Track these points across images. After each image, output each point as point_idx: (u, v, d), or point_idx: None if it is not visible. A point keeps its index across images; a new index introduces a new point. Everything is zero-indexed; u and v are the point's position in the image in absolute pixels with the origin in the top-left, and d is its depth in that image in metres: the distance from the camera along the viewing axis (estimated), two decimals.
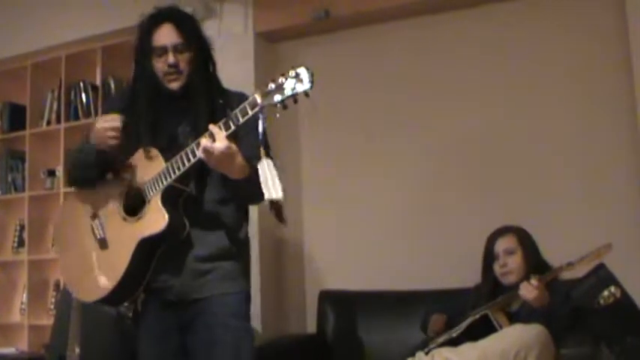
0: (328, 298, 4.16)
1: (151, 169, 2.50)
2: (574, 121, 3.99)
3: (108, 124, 2.54)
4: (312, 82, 2.18)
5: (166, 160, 2.47)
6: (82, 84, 5.11)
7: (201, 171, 2.47)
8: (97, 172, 2.63)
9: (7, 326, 5.24)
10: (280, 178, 2.25)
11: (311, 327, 4.30)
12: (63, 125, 5.12)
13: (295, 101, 2.22)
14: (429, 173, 4.29)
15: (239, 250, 2.61)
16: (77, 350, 3.21)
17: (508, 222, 3.49)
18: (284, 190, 2.25)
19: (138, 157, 2.57)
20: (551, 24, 4.09)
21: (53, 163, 5.21)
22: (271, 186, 2.24)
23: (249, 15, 4.52)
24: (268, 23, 4.53)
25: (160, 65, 2.58)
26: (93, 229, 2.64)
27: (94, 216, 2.66)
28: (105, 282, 2.54)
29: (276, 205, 2.34)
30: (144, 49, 2.61)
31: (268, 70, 4.55)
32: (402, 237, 4.30)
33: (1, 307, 5.29)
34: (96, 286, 2.57)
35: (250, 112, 2.25)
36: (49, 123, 5.27)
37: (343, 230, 4.48)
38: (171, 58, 2.54)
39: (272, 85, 2.21)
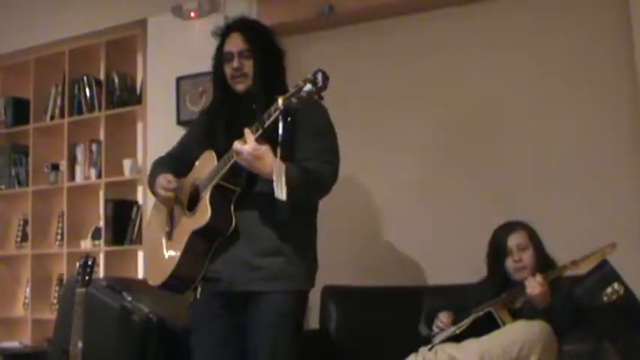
0: (331, 293, 4.15)
1: (208, 168, 2.76)
2: (577, 118, 3.98)
3: (164, 184, 2.85)
4: (325, 85, 2.36)
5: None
6: (85, 78, 5.12)
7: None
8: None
9: (11, 320, 5.26)
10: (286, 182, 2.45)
11: (314, 323, 4.30)
12: (66, 120, 5.14)
13: (309, 100, 2.39)
14: (431, 171, 4.29)
15: (295, 246, 2.75)
16: (80, 345, 3.21)
17: (511, 220, 3.49)
18: (289, 192, 2.44)
19: (203, 157, 2.84)
20: (555, 20, 4.08)
21: (57, 157, 5.22)
22: (279, 186, 2.43)
23: (253, 10, 4.52)
24: (272, 18, 4.51)
25: (228, 69, 2.86)
26: (166, 221, 2.93)
27: (170, 210, 2.94)
28: (165, 269, 2.79)
29: (280, 204, 2.46)
30: (217, 55, 2.92)
31: None
32: (405, 233, 4.30)
33: (4, 301, 5.31)
34: (159, 273, 2.84)
35: (273, 115, 2.45)
36: (52, 117, 5.28)
37: (346, 225, 4.47)
38: (235, 63, 2.83)
39: (292, 90, 2.40)
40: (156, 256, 2.94)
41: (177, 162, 3.01)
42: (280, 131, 2.42)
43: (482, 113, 4.19)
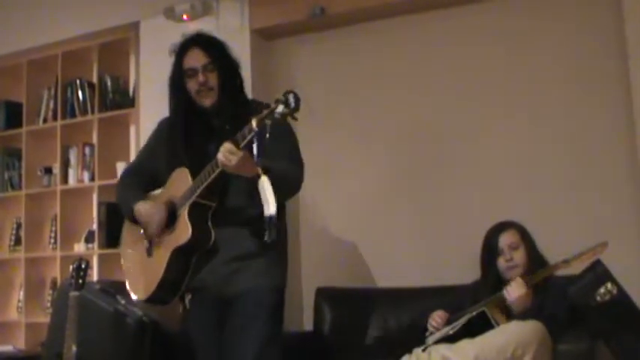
0: (325, 295, 4.16)
1: (182, 186, 2.80)
2: (571, 117, 3.99)
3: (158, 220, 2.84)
4: (297, 107, 2.40)
5: (196, 176, 2.75)
6: (78, 81, 5.10)
7: (224, 182, 2.71)
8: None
9: (4, 324, 5.23)
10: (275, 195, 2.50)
11: (308, 324, 4.30)
12: (59, 123, 5.12)
13: (283, 122, 2.44)
14: (427, 171, 4.30)
15: (270, 249, 2.78)
16: (74, 348, 3.20)
17: (505, 219, 3.49)
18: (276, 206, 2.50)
19: (175, 175, 2.88)
20: (548, 21, 4.09)
21: (50, 160, 5.20)
22: (266, 202, 2.49)
23: (245, 12, 4.53)
24: (264, 20, 4.53)
25: (192, 85, 2.90)
26: (143, 237, 2.96)
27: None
28: (149, 285, 2.85)
29: (269, 219, 2.52)
30: (177, 72, 2.94)
31: (264, 66, 4.56)
32: (400, 234, 4.31)
33: None
34: (143, 288, 2.91)
35: (247, 137, 2.50)
36: (45, 120, 5.26)
37: (340, 227, 4.48)
38: (201, 78, 2.87)
39: (265, 111, 2.43)
40: (137, 273, 3.00)
41: (145, 180, 3.06)
42: (255, 151, 2.48)
43: (474, 111, 4.19)
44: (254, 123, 2.44)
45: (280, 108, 2.39)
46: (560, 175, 3.96)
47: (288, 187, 2.79)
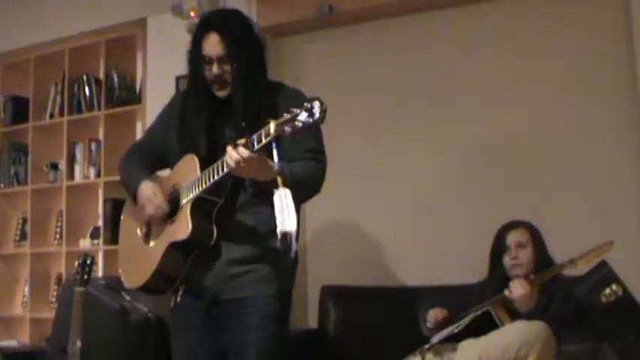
0: (330, 293, 4.16)
1: (189, 175, 2.61)
2: (576, 119, 3.99)
3: (156, 204, 2.65)
4: (322, 118, 2.22)
5: (207, 166, 2.54)
6: (85, 77, 5.12)
7: (235, 178, 2.52)
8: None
9: (9, 319, 5.25)
10: (297, 210, 2.29)
11: (312, 322, 4.30)
12: (66, 118, 5.14)
13: (298, 131, 2.24)
14: (432, 170, 4.29)
15: (278, 253, 2.49)
16: (78, 343, 3.21)
17: (511, 219, 3.49)
18: (298, 222, 2.29)
19: (184, 160, 2.68)
20: (555, 20, 4.09)
21: (56, 156, 5.22)
22: (286, 216, 2.27)
23: (253, 9, 4.51)
24: (272, 18, 4.52)
25: (207, 73, 2.67)
26: (142, 222, 2.78)
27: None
28: (141, 274, 2.68)
29: (285, 236, 2.30)
30: (195, 56, 2.71)
31: (272, 64, 4.54)
32: (405, 233, 4.30)
33: (3, 300, 5.29)
34: (135, 276, 2.74)
35: (264, 141, 2.29)
36: (52, 116, 5.28)
37: (346, 225, 4.47)
38: (215, 69, 2.64)
39: (287, 115, 2.24)
40: (132, 258, 2.85)
41: (150, 157, 2.84)
42: (275, 159, 2.27)
43: (482, 112, 4.19)
44: (272, 128, 2.25)
45: (303, 115, 2.20)
46: (568, 175, 3.96)
47: (308, 191, 2.64)
